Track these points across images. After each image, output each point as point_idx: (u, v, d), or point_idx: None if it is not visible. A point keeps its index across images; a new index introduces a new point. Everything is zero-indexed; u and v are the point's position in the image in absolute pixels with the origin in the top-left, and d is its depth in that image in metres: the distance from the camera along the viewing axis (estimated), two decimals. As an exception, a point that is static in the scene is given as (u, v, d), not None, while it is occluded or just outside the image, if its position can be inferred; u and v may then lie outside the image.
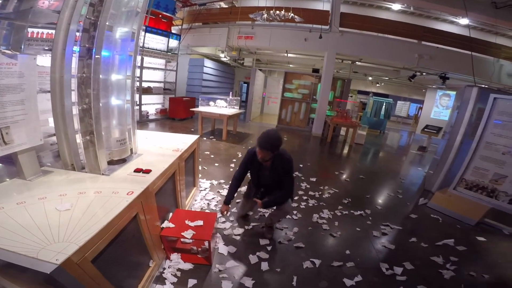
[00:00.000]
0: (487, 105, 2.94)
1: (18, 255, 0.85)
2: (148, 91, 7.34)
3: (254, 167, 2.14)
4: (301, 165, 4.68)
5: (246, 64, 12.76)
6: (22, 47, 1.34)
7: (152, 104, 7.86)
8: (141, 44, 6.65)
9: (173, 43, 7.72)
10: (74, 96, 1.31)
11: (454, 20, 7.96)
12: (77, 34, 1.28)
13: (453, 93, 9.27)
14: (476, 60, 5.75)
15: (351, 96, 13.90)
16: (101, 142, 1.41)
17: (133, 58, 1.58)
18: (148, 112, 7.63)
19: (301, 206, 2.98)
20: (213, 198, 2.93)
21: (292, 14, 5.63)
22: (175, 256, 1.86)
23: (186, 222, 1.87)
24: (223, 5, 9.07)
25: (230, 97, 6.82)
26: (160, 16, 7.31)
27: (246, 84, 16.99)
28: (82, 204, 1.15)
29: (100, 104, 1.36)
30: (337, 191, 3.58)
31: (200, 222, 1.88)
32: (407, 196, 3.80)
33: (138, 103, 7.01)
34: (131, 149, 1.81)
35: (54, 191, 1.24)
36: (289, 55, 9.95)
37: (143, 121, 7.22)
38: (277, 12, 5.70)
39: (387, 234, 2.59)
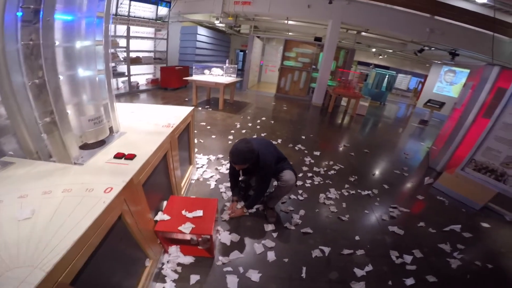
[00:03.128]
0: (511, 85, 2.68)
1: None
2: (137, 61, 6.82)
3: (239, 172, 2.24)
4: (303, 137, 4.50)
5: (243, 31, 11.95)
6: None
7: (142, 75, 7.37)
8: (125, 13, 5.99)
9: (163, 10, 7.03)
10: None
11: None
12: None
13: (459, 69, 8.91)
14: (490, 40, 5.38)
15: (352, 67, 13.35)
16: (66, 123, 1.11)
17: (105, 20, 1.22)
18: (138, 83, 7.21)
19: (306, 185, 2.83)
20: (211, 177, 2.73)
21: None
22: (173, 249, 1.68)
23: (183, 213, 1.65)
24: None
25: (227, 65, 6.37)
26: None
27: (242, 52, 16.18)
28: (47, 208, 0.90)
29: (61, 77, 1.04)
30: (342, 167, 3.43)
31: (200, 213, 1.66)
32: (412, 174, 3.66)
33: (126, 74, 6.55)
34: (111, 128, 1.52)
35: (13, 191, 0.98)
36: (290, 22, 9.20)
37: (133, 92, 6.81)
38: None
39: (396, 217, 2.47)
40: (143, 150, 1.40)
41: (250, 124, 4.92)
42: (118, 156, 1.28)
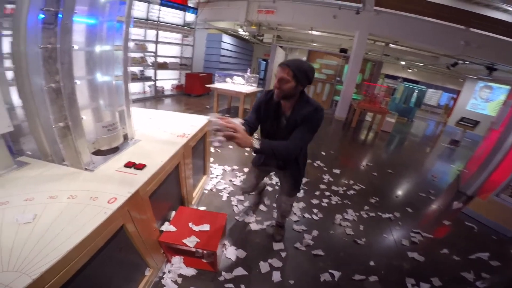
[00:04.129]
0: None
1: None
2: (163, 66, 7.06)
3: (268, 112, 1.50)
4: (323, 153, 4.32)
5: (266, 40, 12.02)
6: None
7: (168, 80, 7.61)
8: (156, 18, 6.26)
9: (190, 17, 7.26)
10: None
11: (509, 8, 6.77)
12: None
13: (496, 85, 8.24)
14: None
15: (379, 80, 12.92)
16: (80, 129, 1.12)
17: (125, 25, 1.23)
18: (163, 88, 7.42)
19: (323, 204, 2.68)
20: (224, 188, 2.67)
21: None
22: (177, 260, 1.63)
23: (190, 225, 1.61)
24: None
25: (248, 74, 6.37)
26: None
27: (264, 62, 16.29)
28: (49, 214, 0.89)
29: (78, 82, 1.05)
30: (363, 188, 3.23)
31: (207, 227, 1.61)
32: (440, 197, 3.38)
33: (153, 78, 6.79)
34: (126, 135, 1.52)
35: (21, 193, 0.99)
36: (314, 32, 9.13)
37: (158, 97, 7.03)
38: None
39: (417, 243, 2.28)
40: (154, 160, 1.38)
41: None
42: (129, 165, 1.27)
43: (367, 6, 6.34)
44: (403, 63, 12.56)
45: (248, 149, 1.29)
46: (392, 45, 8.57)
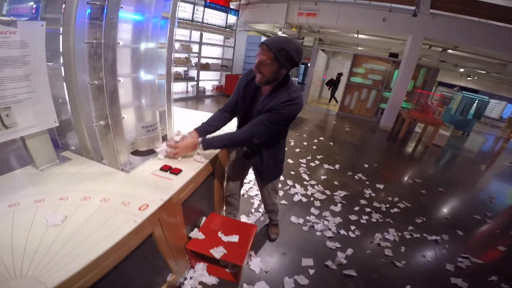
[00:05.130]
0: None
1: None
2: (206, 67, 7.26)
3: (246, 93, 1.37)
4: (365, 165, 3.98)
5: (306, 43, 11.70)
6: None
7: (209, 81, 7.81)
8: (200, 19, 6.43)
9: (232, 19, 7.40)
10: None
11: None
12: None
13: None
14: None
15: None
16: (119, 128, 1.08)
17: (170, 21, 1.17)
18: (205, 88, 7.62)
19: (362, 221, 2.45)
20: (256, 195, 2.56)
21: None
22: (200, 266, 1.56)
23: (219, 234, 1.51)
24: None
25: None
26: (217, -10, 6.97)
27: (303, 65, 15.93)
28: (79, 217, 0.85)
29: (121, 79, 1.01)
30: (409, 206, 2.90)
31: (235, 238, 1.50)
32: (496, 221, 2.95)
33: (196, 79, 7.00)
34: (164, 136, 1.48)
35: (57, 191, 0.97)
36: (360, 36, 8.61)
37: (199, 97, 7.24)
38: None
39: (463, 268, 2.00)
40: (191, 164, 1.31)
41: (305, 143, 4.61)
42: (165, 168, 1.21)
43: (422, 8, 5.76)
44: (461, 70, 11.28)
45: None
46: (450, 51, 7.70)
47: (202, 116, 2.29)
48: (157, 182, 1.11)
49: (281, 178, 3.02)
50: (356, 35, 8.59)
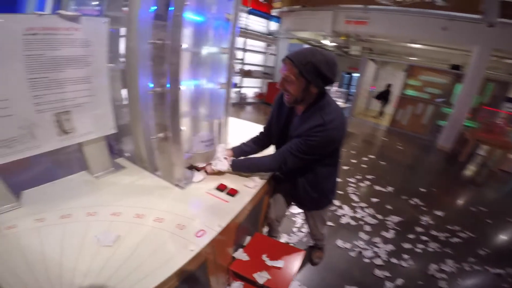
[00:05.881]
0: None
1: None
2: (248, 74, 7.29)
3: (281, 111, 1.21)
4: (422, 189, 3.55)
5: (353, 53, 11.17)
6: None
7: (251, 88, 7.85)
8: (244, 25, 6.47)
9: (273, 26, 7.38)
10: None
11: None
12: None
13: None
14: None
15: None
16: (178, 142, 0.99)
17: (233, 24, 1.06)
18: (246, 95, 7.68)
19: (416, 250, 2.24)
20: (299, 213, 2.35)
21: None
22: (236, 285, 1.41)
23: (264, 257, 1.36)
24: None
25: (333, 88, 5.78)
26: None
27: (348, 75, 15.29)
28: (131, 239, 0.76)
29: (182, 87, 0.92)
30: (472, 236, 2.58)
31: (281, 263, 1.33)
32: None
33: (239, 85, 7.08)
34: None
35: (111, 204, 0.90)
36: (414, 45, 7.94)
37: (241, 104, 7.31)
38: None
39: None
40: (246, 183, 1.18)
41: (354, 161, 4.27)
42: (221, 188, 1.09)
43: (489, 17, 5.07)
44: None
45: None
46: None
47: (254, 129, 2.18)
48: (213, 204, 1.00)
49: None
50: (409, 45, 7.94)
